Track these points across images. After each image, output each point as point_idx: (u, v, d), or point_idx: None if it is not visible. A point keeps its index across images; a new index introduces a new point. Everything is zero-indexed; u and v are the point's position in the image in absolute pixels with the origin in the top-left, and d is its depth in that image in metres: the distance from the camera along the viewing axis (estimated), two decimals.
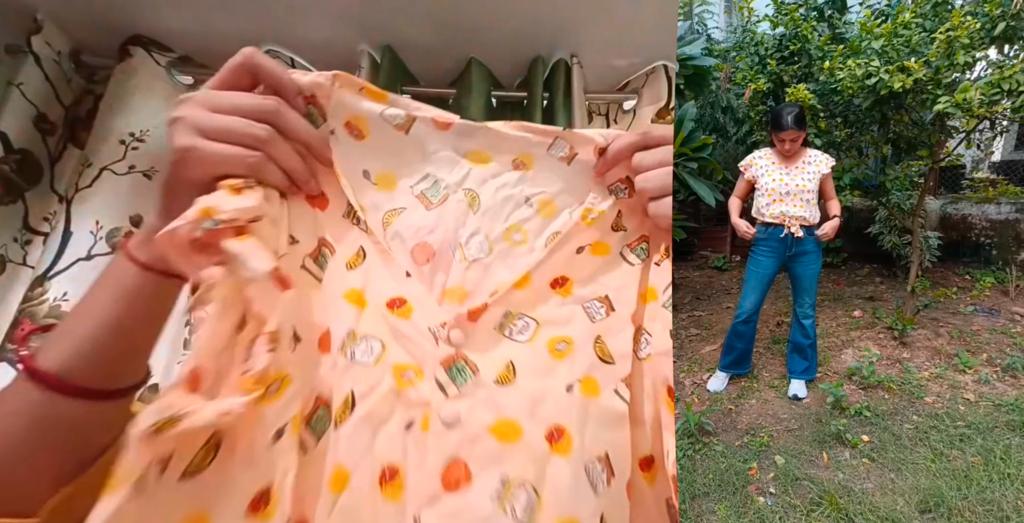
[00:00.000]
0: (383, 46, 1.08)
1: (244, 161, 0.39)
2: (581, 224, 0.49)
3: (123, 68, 1.01)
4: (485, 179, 0.51)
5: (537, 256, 0.49)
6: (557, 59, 1.14)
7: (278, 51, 1.09)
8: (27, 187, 0.98)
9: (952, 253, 4.60)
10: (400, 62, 1.12)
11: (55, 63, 0.99)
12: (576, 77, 1.12)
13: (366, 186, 0.50)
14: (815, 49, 3.65)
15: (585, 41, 1.10)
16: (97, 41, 1.04)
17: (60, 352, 0.38)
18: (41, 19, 0.96)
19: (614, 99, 1.22)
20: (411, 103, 0.52)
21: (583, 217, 0.49)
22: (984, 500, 1.93)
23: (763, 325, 3.77)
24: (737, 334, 2.81)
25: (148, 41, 1.04)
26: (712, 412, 2.61)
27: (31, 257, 0.98)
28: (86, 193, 0.95)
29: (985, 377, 2.84)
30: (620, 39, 1.09)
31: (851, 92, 3.16)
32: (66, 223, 0.93)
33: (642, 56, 1.15)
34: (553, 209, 0.51)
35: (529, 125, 0.51)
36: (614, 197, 0.51)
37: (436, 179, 0.51)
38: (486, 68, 1.13)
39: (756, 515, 1.92)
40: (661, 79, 1.14)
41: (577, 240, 0.50)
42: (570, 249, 0.50)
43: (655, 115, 1.16)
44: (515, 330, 0.47)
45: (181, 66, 1.09)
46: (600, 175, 0.51)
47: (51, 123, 1.00)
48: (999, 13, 2.84)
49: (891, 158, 4.05)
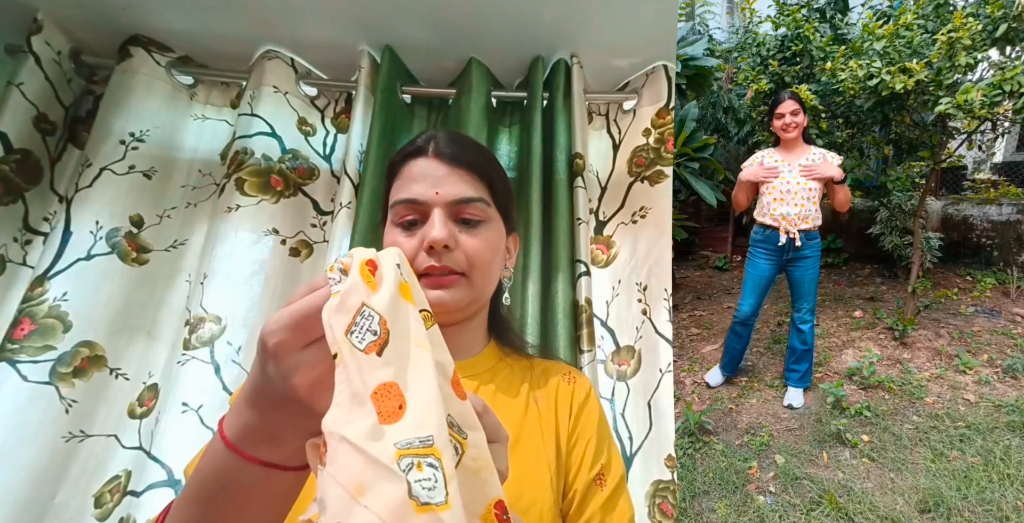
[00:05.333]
0: (383, 46, 1.08)
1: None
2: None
3: (123, 68, 1.02)
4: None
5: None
6: (557, 59, 1.14)
7: (278, 51, 1.09)
8: (27, 187, 0.98)
9: (953, 254, 4.59)
10: (400, 62, 1.12)
11: (55, 63, 0.99)
12: (576, 77, 1.12)
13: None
14: (817, 50, 3.64)
15: (585, 41, 1.10)
16: (97, 41, 1.04)
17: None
18: (41, 19, 0.96)
19: (614, 99, 1.22)
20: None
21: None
22: (984, 500, 1.93)
23: (763, 325, 3.77)
24: (735, 335, 2.82)
25: (148, 41, 1.04)
26: (712, 411, 2.61)
27: (31, 257, 0.99)
28: (86, 193, 0.95)
29: (985, 378, 2.83)
30: (620, 39, 1.09)
31: (853, 93, 3.15)
32: (66, 223, 0.93)
33: (642, 56, 1.15)
34: None
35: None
36: None
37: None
38: (486, 68, 1.13)
39: (756, 514, 1.92)
40: (661, 79, 1.14)
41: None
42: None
43: (655, 115, 1.16)
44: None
45: (181, 66, 1.09)
46: None
47: (51, 123, 1.01)
48: (1001, 14, 2.84)
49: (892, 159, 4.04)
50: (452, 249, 0.58)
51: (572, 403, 0.65)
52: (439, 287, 0.57)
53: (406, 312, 0.35)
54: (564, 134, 1.11)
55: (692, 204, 4.89)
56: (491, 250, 0.61)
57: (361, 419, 0.30)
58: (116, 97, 1.00)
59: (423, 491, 0.27)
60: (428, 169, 0.61)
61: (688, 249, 5.65)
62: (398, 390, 0.32)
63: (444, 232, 0.57)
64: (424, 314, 0.37)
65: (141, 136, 1.02)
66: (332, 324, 0.32)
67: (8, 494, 0.83)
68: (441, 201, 0.59)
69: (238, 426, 0.36)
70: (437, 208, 0.58)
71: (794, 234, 2.50)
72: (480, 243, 0.60)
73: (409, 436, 0.30)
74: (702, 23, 5.43)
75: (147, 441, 0.93)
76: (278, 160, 1.07)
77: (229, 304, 0.99)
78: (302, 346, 0.33)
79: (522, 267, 1.03)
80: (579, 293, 1.02)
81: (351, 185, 1.03)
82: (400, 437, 0.29)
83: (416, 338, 0.35)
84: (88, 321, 0.93)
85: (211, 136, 1.14)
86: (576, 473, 0.60)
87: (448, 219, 0.59)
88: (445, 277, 0.58)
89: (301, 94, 1.14)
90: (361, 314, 0.32)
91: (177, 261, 1.07)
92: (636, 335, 1.10)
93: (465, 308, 0.60)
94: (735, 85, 4.37)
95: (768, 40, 4.05)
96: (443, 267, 0.57)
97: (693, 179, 3.97)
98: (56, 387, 0.89)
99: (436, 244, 0.57)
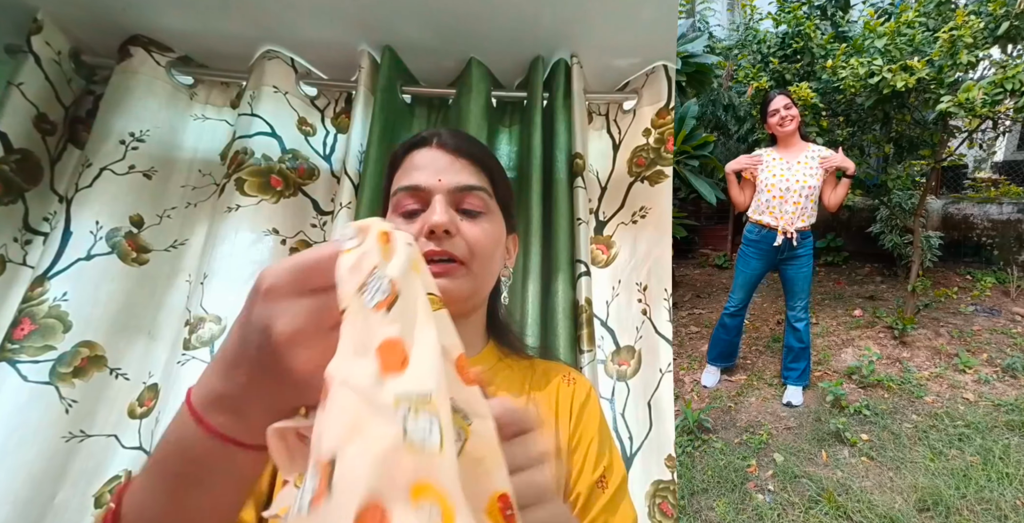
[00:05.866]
0: (383, 46, 1.08)
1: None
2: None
3: (123, 68, 1.01)
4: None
5: None
6: (557, 59, 1.14)
7: (278, 51, 1.09)
8: (27, 187, 0.98)
9: (953, 253, 4.59)
10: (400, 62, 1.12)
11: (55, 63, 0.99)
12: (576, 77, 1.12)
13: None
14: (818, 47, 3.63)
15: (585, 41, 1.10)
16: (97, 41, 1.04)
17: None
18: (41, 19, 0.96)
19: (614, 99, 1.21)
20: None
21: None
22: (982, 499, 1.93)
23: (763, 323, 3.78)
24: (724, 327, 2.83)
25: (148, 41, 1.04)
26: (712, 409, 2.61)
27: (31, 257, 0.99)
28: (86, 193, 0.95)
29: (985, 377, 2.84)
30: (620, 39, 1.09)
31: (853, 91, 3.14)
32: (66, 223, 0.93)
33: (642, 56, 1.14)
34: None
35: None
36: None
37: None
38: (486, 68, 1.13)
39: (755, 512, 1.92)
40: (661, 79, 1.14)
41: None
42: None
43: (655, 115, 1.16)
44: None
45: (181, 66, 1.09)
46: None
47: (51, 123, 1.01)
48: (1003, 12, 2.83)
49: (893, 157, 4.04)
50: (453, 235, 0.57)
51: (572, 404, 0.65)
52: (440, 275, 0.56)
53: (416, 286, 0.35)
54: (564, 134, 1.11)
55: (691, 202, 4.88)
56: (492, 241, 0.61)
57: (364, 367, 0.30)
58: (116, 97, 1.00)
59: (417, 436, 0.28)
60: (431, 158, 0.60)
61: (687, 247, 5.65)
62: (402, 347, 0.32)
63: (445, 216, 0.56)
64: (431, 297, 0.36)
65: (141, 136, 1.02)
66: (346, 279, 0.32)
67: (8, 494, 0.83)
68: (443, 188, 0.58)
69: (203, 394, 0.35)
70: (439, 195, 0.58)
71: (791, 233, 2.50)
72: (481, 232, 0.59)
73: (409, 388, 0.30)
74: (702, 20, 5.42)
75: (147, 441, 0.94)
76: (278, 160, 1.07)
77: (229, 304, 0.99)
78: (296, 294, 0.33)
79: (522, 267, 1.03)
80: (579, 293, 1.02)
81: (351, 185, 1.03)
82: (400, 388, 0.30)
83: (423, 313, 0.35)
84: (88, 321, 0.93)
85: (211, 136, 1.14)
86: (578, 476, 0.60)
87: (450, 206, 0.58)
88: (446, 265, 0.57)
89: (301, 94, 1.14)
90: (374, 275, 0.33)
91: (177, 261, 1.07)
92: (636, 335, 1.10)
93: (465, 299, 0.60)
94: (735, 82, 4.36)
95: (769, 37, 4.04)
96: (443, 252, 0.56)
97: (693, 177, 3.96)
98: (56, 387, 0.89)
99: (437, 228, 0.56)
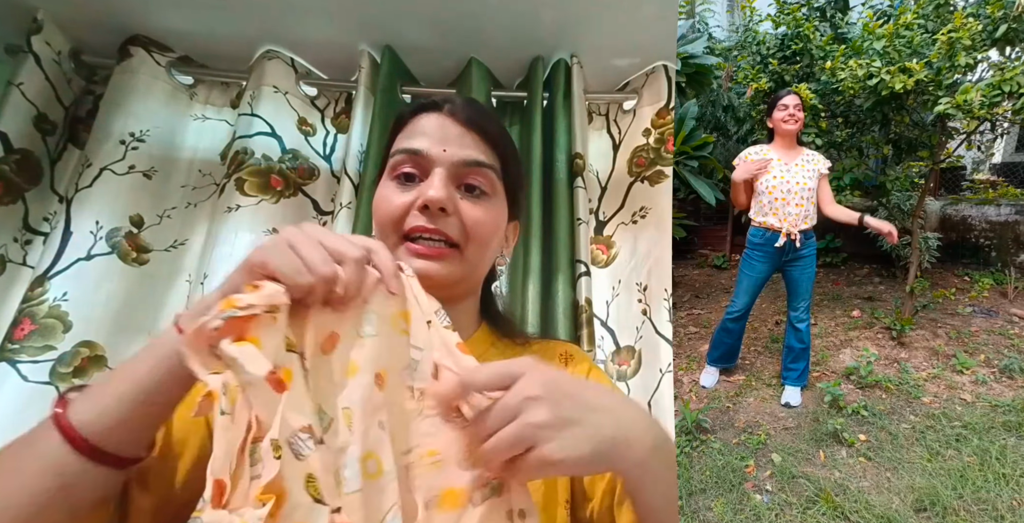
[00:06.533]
0: (383, 46, 1.08)
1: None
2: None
3: (123, 68, 1.01)
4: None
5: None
6: (557, 59, 1.14)
7: (278, 51, 1.09)
8: (27, 187, 0.98)
9: (951, 254, 4.59)
10: (400, 62, 1.12)
11: (55, 63, 0.99)
12: (576, 77, 1.12)
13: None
14: (817, 49, 3.64)
15: (585, 41, 1.10)
16: (97, 41, 1.04)
17: (93, 411, 0.38)
18: (41, 19, 0.96)
19: (614, 99, 1.22)
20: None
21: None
22: (979, 500, 1.94)
23: (762, 323, 3.78)
24: (726, 331, 2.84)
25: (148, 41, 1.04)
26: (710, 410, 2.61)
27: (31, 257, 0.99)
28: (86, 193, 0.95)
29: (982, 378, 2.84)
30: (620, 39, 1.09)
31: (852, 92, 3.15)
32: (66, 223, 0.93)
33: (642, 56, 1.15)
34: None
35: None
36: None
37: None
38: (486, 68, 1.13)
39: (752, 512, 1.93)
40: (661, 79, 1.14)
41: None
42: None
43: (655, 115, 1.16)
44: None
45: (181, 66, 1.09)
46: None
47: (51, 123, 1.00)
48: (1001, 15, 2.84)
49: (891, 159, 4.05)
50: (449, 214, 0.52)
51: None
52: (427, 258, 0.52)
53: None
54: (564, 134, 1.11)
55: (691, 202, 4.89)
56: (492, 226, 0.56)
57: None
58: (116, 97, 1.00)
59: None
60: (440, 125, 0.54)
61: (687, 247, 5.65)
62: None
63: (443, 192, 0.51)
64: (398, 314, 0.43)
65: (141, 136, 1.02)
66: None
67: None
68: (447, 160, 0.53)
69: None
70: (441, 167, 0.52)
71: (795, 235, 2.50)
72: (482, 215, 0.54)
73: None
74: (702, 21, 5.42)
75: None
76: (278, 160, 1.07)
77: None
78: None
79: (522, 267, 1.03)
80: (579, 293, 1.02)
81: (351, 185, 1.03)
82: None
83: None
84: (88, 321, 0.93)
85: (211, 136, 1.14)
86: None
87: (450, 181, 0.53)
88: (435, 248, 0.52)
89: (301, 94, 1.14)
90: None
91: (177, 261, 1.07)
92: (636, 335, 1.11)
93: (452, 286, 0.54)
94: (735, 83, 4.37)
95: (768, 39, 4.05)
96: (436, 230, 0.52)
97: (692, 177, 3.97)
98: (56, 387, 0.89)
99: (432, 204, 0.51)
